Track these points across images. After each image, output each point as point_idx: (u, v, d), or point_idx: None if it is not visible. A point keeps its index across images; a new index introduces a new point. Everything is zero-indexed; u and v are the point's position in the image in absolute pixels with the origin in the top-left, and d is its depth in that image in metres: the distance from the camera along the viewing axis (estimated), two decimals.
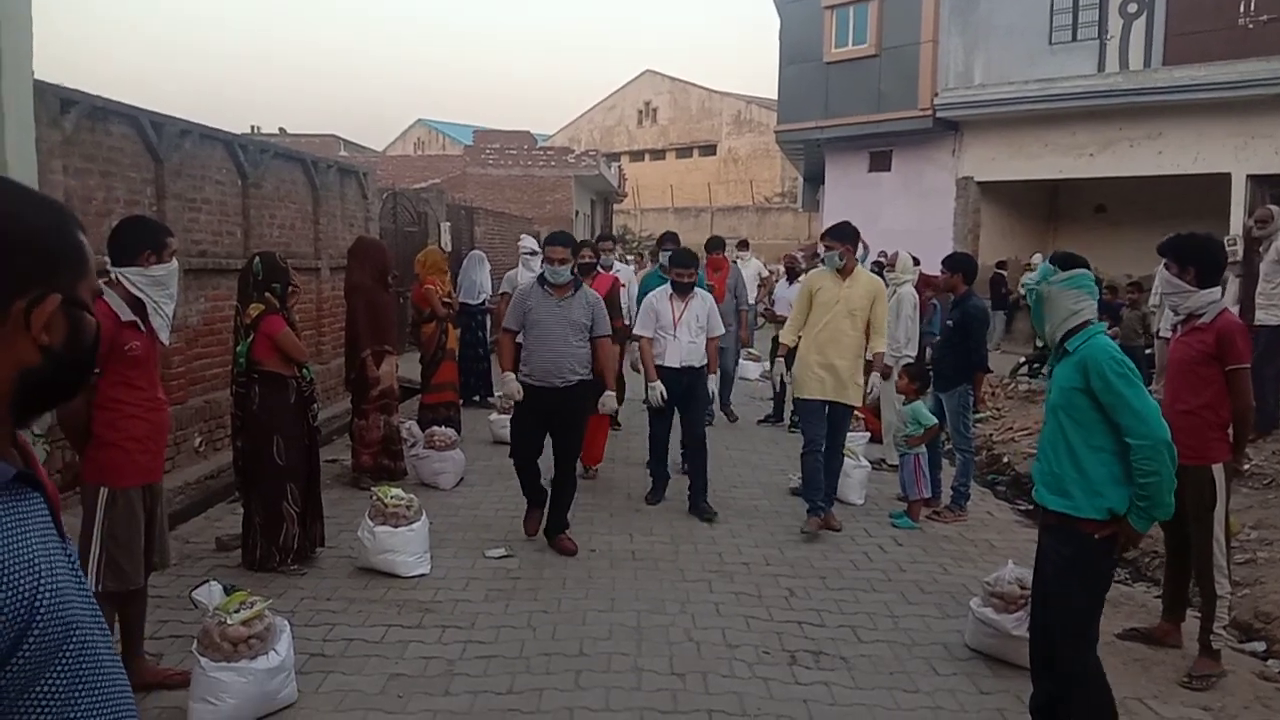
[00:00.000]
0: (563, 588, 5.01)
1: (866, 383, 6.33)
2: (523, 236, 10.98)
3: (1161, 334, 9.78)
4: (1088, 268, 3.42)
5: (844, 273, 6.18)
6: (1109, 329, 7.07)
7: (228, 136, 8.25)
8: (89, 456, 3.58)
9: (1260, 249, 8.28)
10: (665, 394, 6.44)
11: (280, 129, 41.60)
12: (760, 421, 10.00)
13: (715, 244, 10.00)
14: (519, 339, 5.69)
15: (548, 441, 5.78)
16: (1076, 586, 3.27)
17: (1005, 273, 17.65)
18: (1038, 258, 17.52)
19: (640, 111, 53.83)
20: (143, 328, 3.63)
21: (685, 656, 4.21)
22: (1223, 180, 14.85)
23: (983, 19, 18.06)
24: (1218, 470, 4.28)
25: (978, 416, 10.24)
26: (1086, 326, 3.31)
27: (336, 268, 10.20)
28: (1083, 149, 16.83)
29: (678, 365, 6.50)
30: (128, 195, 6.68)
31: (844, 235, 6.26)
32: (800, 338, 6.28)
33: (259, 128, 40.26)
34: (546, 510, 5.76)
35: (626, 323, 7.79)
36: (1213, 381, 4.24)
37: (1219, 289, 4.49)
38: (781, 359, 7.00)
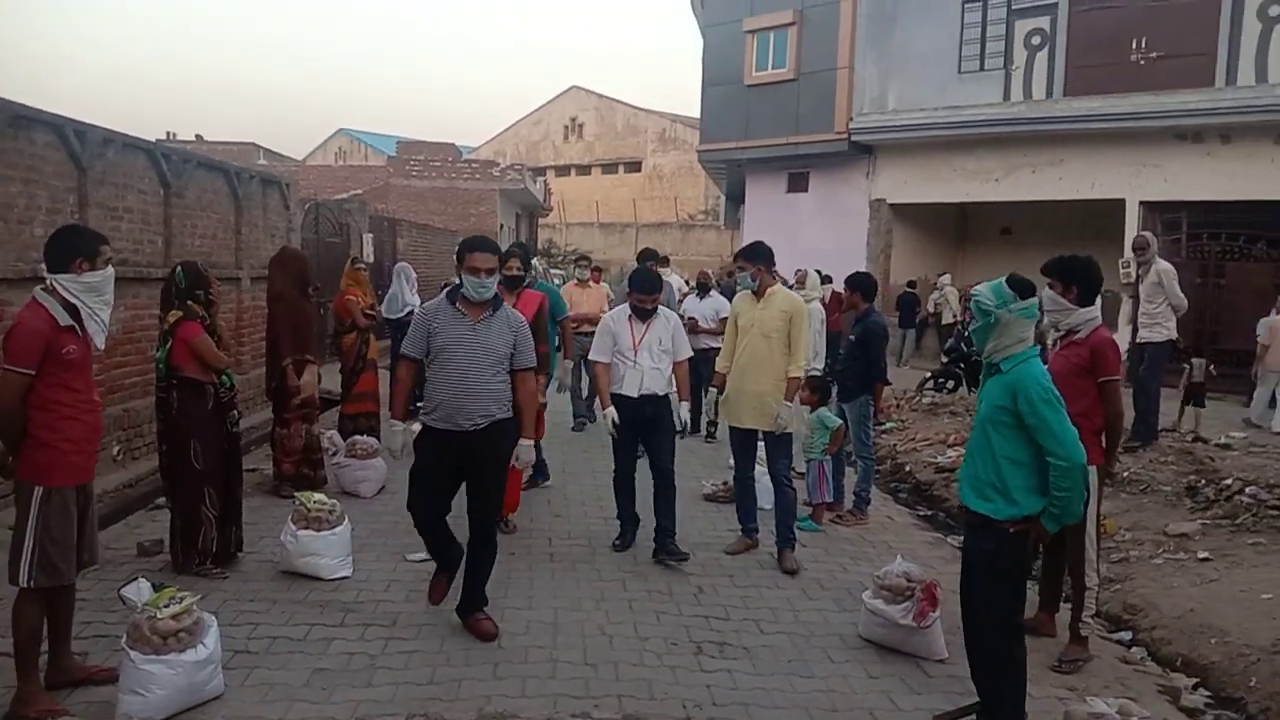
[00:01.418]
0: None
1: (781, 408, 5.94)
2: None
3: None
4: (1035, 294, 3.74)
5: (759, 294, 6.05)
6: None
7: (150, 145, 8.29)
8: (25, 456, 3.68)
9: (1140, 272, 8.89)
10: (617, 421, 5.93)
11: (197, 135, 40.73)
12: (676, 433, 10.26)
13: (648, 256, 10.01)
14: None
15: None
16: (998, 578, 3.64)
17: (916, 292, 18.33)
18: (946, 278, 18.29)
19: (566, 127, 54.18)
20: (80, 332, 3.75)
21: (598, 648, 4.47)
22: (1118, 205, 15.79)
23: (897, 47, 18.83)
24: (1093, 473, 4.69)
25: (884, 427, 10.74)
26: (1023, 350, 3.65)
27: (257, 277, 10.23)
28: (989, 174, 17.65)
29: (636, 395, 5.90)
30: (50, 203, 6.70)
31: (755, 255, 6.13)
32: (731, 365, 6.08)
33: (175, 134, 39.30)
34: (459, 578, 4.71)
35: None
36: (1087, 392, 4.64)
37: (1096, 307, 4.93)
38: (714, 388, 6.46)
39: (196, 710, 3.67)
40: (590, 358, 6.29)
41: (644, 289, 6.06)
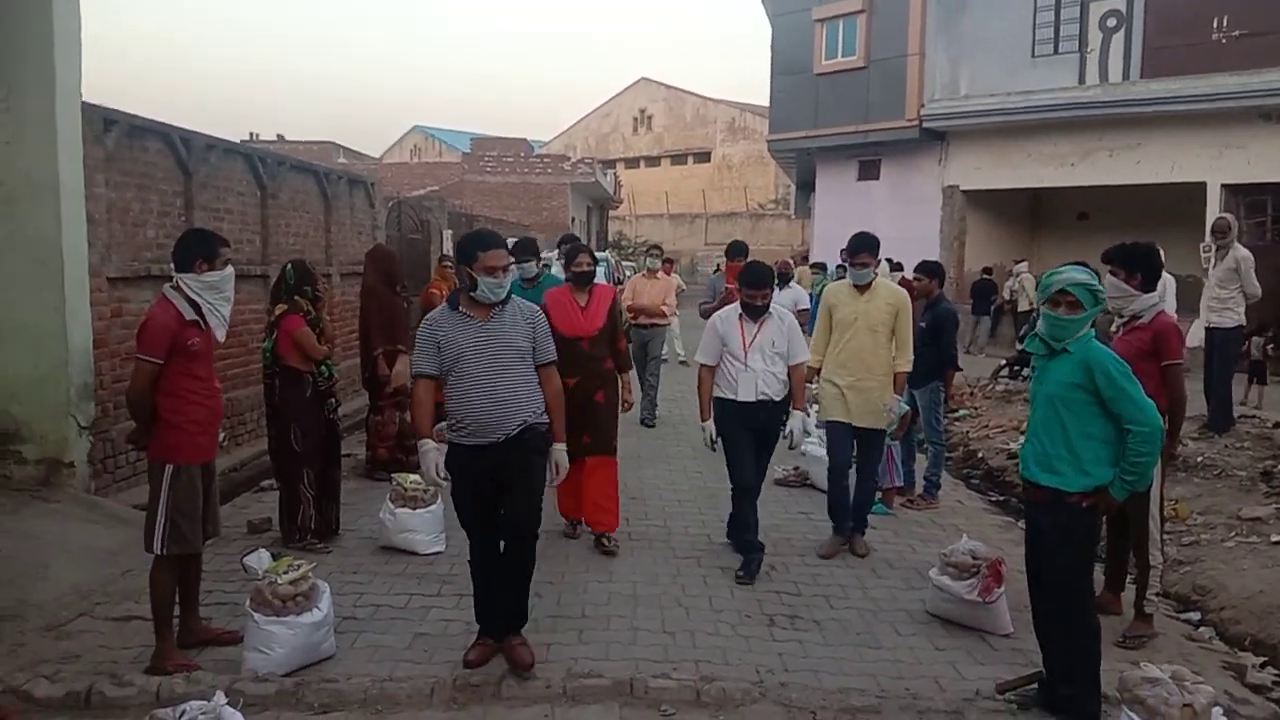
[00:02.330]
0: (565, 563, 5.53)
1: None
2: None
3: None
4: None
5: (862, 287, 5.86)
6: None
7: (248, 150, 8.81)
8: (156, 437, 4.09)
9: (1217, 256, 8.81)
10: (715, 436, 5.59)
11: (278, 135, 42.13)
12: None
13: (738, 250, 9.02)
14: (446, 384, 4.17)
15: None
16: (1070, 549, 3.80)
17: (992, 278, 18.17)
18: (1023, 265, 18.09)
19: (635, 119, 54.46)
20: (203, 325, 4.14)
21: (675, 618, 4.74)
22: (1198, 189, 15.44)
23: (968, 32, 18.66)
24: None
25: (957, 414, 10.80)
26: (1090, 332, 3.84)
27: (346, 274, 10.74)
28: (1064, 159, 17.40)
29: (753, 399, 5.44)
30: (160, 207, 7.21)
31: (869, 245, 5.88)
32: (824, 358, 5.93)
33: (257, 134, 40.70)
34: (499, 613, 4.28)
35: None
36: (1150, 376, 4.73)
37: (1158, 293, 5.03)
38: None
39: (312, 668, 4.04)
40: (697, 359, 5.81)
41: (753, 283, 5.52)
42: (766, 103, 23.17)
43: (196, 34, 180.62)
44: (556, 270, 8.17)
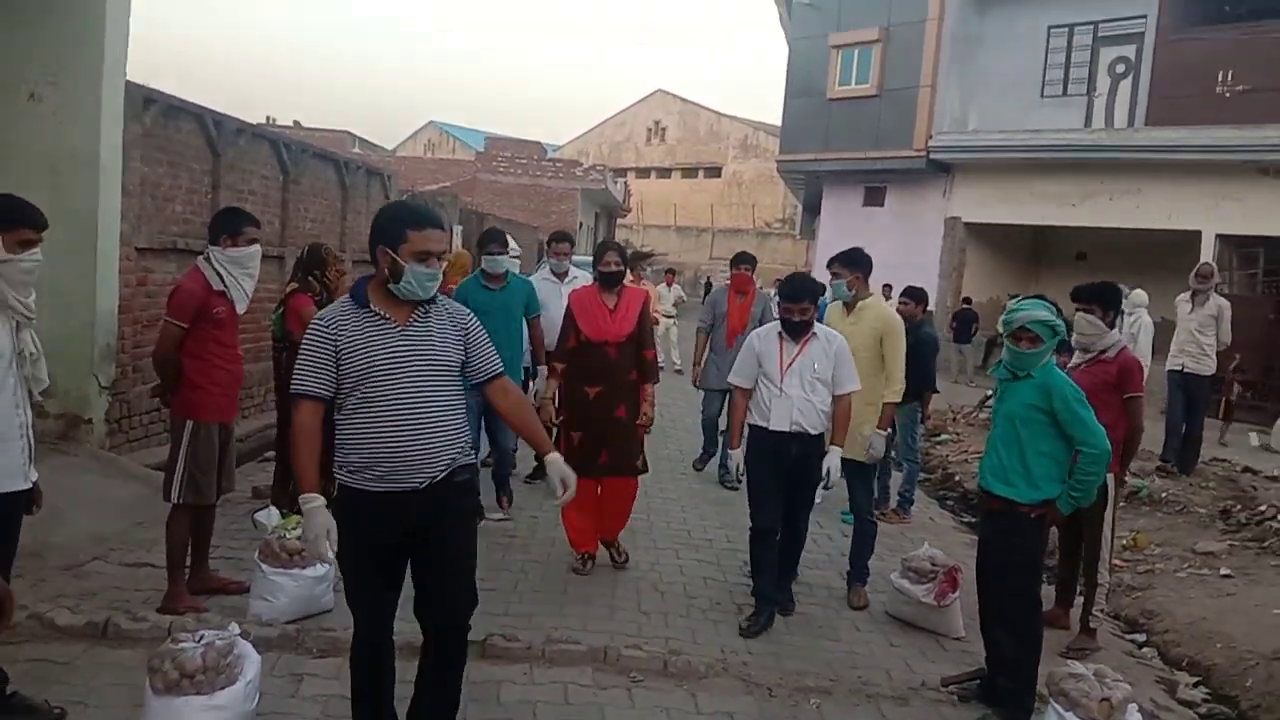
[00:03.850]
0: (552, 546, 5.84)
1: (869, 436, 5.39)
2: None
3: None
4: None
5: (849, 306, 5.63)
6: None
7: (274, 135, 9.17)
8: (179, 395, 4.42)
9: (1196, 301, 9.15)
10: (742, 467, 5.08)
11: (295, 121, 42.55)
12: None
13: (744, 259, 8.10)
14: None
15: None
16: (1018, 555, 4.13)
17: (973, 309, 18.47)
18: (1013, 302, 18.41)
19: (650, 130, 54.91)
20: (230, 296, 4.48)
21: (652, 601, 5.09)
22: (1193, 237, 15.83)
23: (980, 68, 19.07)
24: (1110, 480, 5.13)
25: (938, 438, 11.15)
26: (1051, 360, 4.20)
27: (359, 261, 11.07)
28: (1066, 198, 17.79)
29: (786, 428, 4.85)
30: (189, 184, 7.56)
31: (854, 262, 5.63)
32: None
33: (274, 119, 41.09)
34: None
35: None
36: (1111, 406, 5.07)
37: (1131, 332, 5.38)
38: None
39: (311, 619, 4.36)
40: (730, 380, 5.26)
41: (790, 295, 4.93)
42: (779, 123, 23.57)
43: (215, 16, 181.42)
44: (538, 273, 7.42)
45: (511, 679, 3.95)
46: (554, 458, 3.26)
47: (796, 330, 4.90)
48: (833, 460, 4.93)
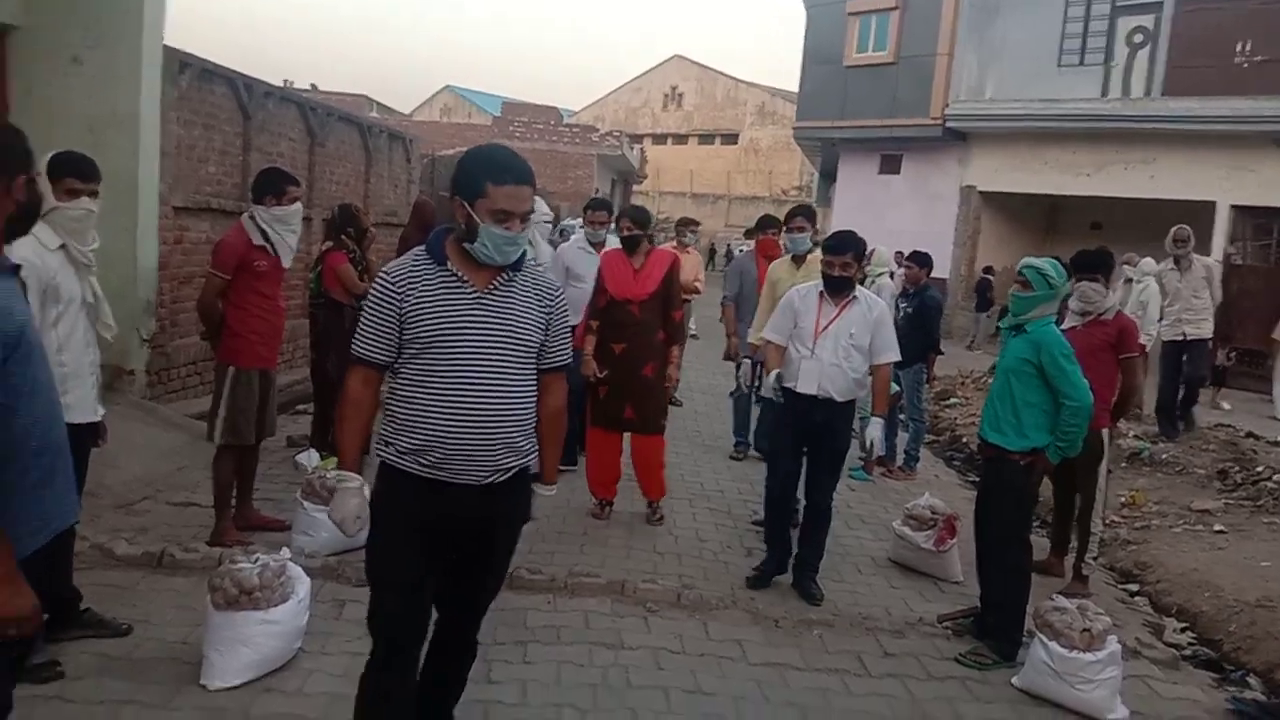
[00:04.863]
0: (571, 493, 6.13)
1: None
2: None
3: None
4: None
5: (799, 260, 5.86)
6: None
7: (301, 99, 9.40)
8: (223, 343, 4.71)
9: (1181, 267, 9.23)
10: (778, 388, 4.76)
11: (312, 85, 42.52)
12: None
13: (770, 222, 7.57)
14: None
15: None
16: (1009, 499, 4.41)
17: (992, 278, 18.64)
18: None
19: (666, 95, 54.76)
20: (271, 251, 4.74)
21: (666, 543, 5.41)
22: (1207, 208, 15.87)
23: (997, 36, 19.06)
24: (1105, 433, 5.38)
25: (948, 402, 11.39)
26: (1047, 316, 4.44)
27: (380, 223, 11.32)
28: (1080, 168, 17.85)
29: (812, 392, 4.70)
30: (222, 145, 7.83)
31: (809, 215, 6.25)
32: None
33: (291, 82, 41.11)
34: None
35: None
36: (1109, 365, 5.34)
37: (1140, 300, 5.61)
38: (747, 360, 6.19)
39: (349, 553, 4.66)
40: (765, 335, 5.10)
41: (834, 247, 4.78)
42: (797, 89, 23.61)
43: None
44: (546, 251, 6.72)
45: (536, 607, 4.27)
46: (550, 490, 3.03)
47: (838, 288, 4.74)
48: (874, 432, 4.87)
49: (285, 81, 40.94)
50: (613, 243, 6.48)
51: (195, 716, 3.22)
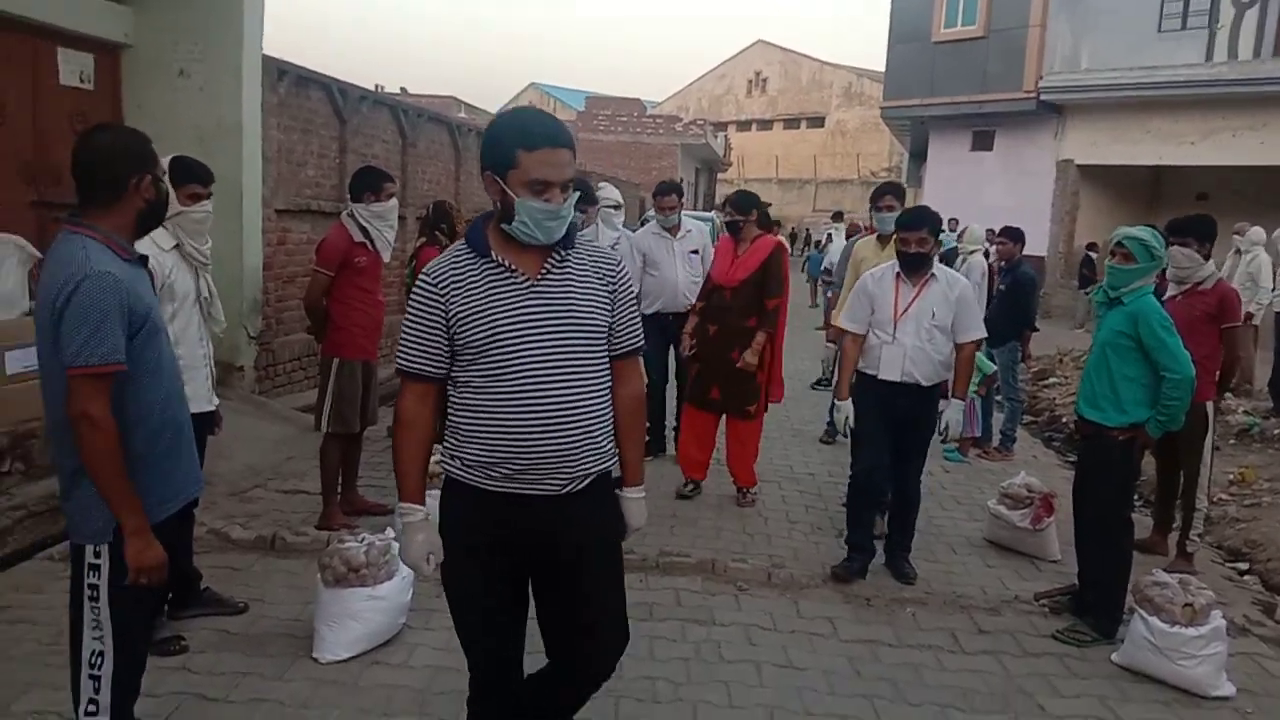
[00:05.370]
0: (659, 478, 6.23)
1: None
2: (602, 185, 7.54)
3: None
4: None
5: (885, 240, 5.82)
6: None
7: (393, 101, 9.69)
8: (328, 337, 4.93)
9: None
10: (853, 423, 4.70)
11: (402, 88, 43.44)
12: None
13: (889, 190, 6.46)
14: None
15: None
16: (1108, 476, 4.32)
17: (1095, 255, 18.06)
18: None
19: (750, 81, 54.38)
20: (371, 247, 4.94)
21: (755, 525, 5.45)
22: None
23: (1092, 5, 18.41)
24: (1209, 406, 5.22)
25: (1047, 381, 11.12)
26: (1146, 287, 4.33)
27: (471, 219, 11.60)
28: (1184, 136, 17.16)
29: (896, 378, 4.54)
30: (319, 149, 8.13)
31: (898, 193, 6.10)
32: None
33: (382, 86, 42.05)
34: None
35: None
36: (1210, 336, 5.17)
37: (1252, 271, 5.42)
38: (830, 345, 6.26)
39: None
40: (840, 323, 4.92)
41: (908, 223, 4.61)
42: (883, 69, 23.23)
43: None
44: (608, 237, 6.62)
45: (628, 586, 4.33)
46: (636, 495, 2.57)
47: (914, 266, 4.53)
48: (953, 414, 4.66)
49: (376, 86, 41.95)
50: (687, 225, 6.59)
51: (307, 687, 3.41)
